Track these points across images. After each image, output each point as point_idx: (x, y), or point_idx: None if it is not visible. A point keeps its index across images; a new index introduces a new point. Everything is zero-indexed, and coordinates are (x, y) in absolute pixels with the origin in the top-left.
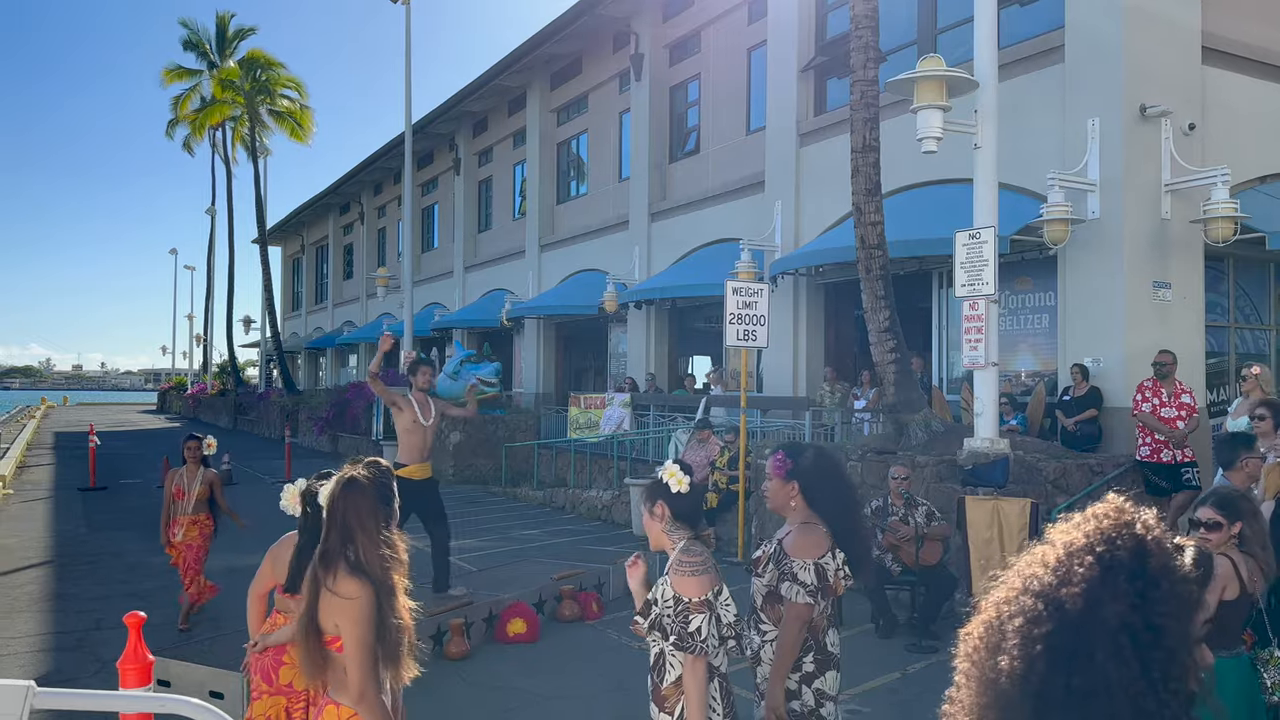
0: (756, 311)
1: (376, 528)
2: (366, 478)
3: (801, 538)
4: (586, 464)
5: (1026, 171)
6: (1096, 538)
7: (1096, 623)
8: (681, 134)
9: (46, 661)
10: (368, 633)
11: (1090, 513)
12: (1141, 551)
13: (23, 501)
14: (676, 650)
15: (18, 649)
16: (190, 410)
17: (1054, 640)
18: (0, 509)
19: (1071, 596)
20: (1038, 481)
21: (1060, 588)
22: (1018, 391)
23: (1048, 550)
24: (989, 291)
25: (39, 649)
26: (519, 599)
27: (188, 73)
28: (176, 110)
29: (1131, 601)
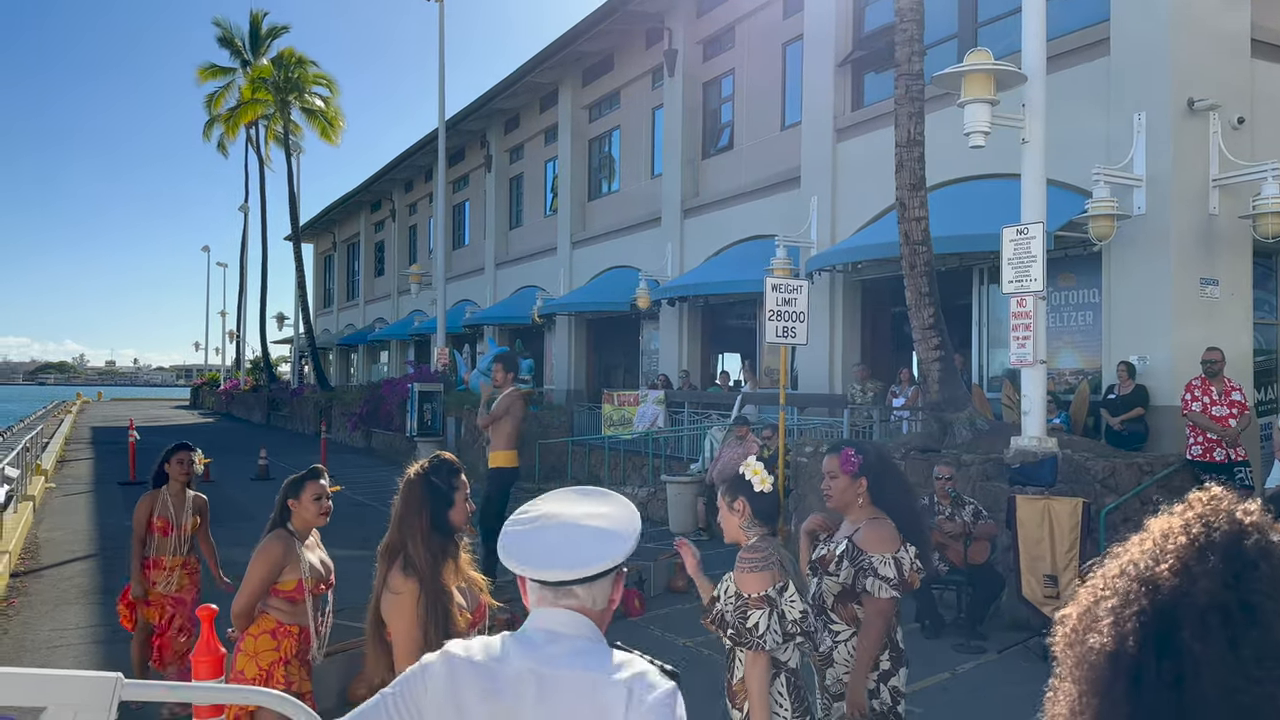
0: (796, 308)
1: (423, 523)
2: (418, 472)
3: (874, 532)
4: (620, 461)
5: (1071, 166)
6: (1193, 520)
7: (1187, 601)
8: (715, 130)
9: (98, 654)
10: (413, 628)
11: (1188, 500)
12: (1238, 533)
13: (64, 495)
14: (734, 645)
15: (70, 640)
16: (223, 406)
17: (1145, 619)
18: (43, 502)
19: (1163, 575)
20: (1086, 481)
21: (1153, 567)
22: (1060, 389)
23: (1144, 536)
24: (1037, 288)
25: (91, 640)
26: None
27: (221, 70)
28: (211, 109)
29: (1224, 580)
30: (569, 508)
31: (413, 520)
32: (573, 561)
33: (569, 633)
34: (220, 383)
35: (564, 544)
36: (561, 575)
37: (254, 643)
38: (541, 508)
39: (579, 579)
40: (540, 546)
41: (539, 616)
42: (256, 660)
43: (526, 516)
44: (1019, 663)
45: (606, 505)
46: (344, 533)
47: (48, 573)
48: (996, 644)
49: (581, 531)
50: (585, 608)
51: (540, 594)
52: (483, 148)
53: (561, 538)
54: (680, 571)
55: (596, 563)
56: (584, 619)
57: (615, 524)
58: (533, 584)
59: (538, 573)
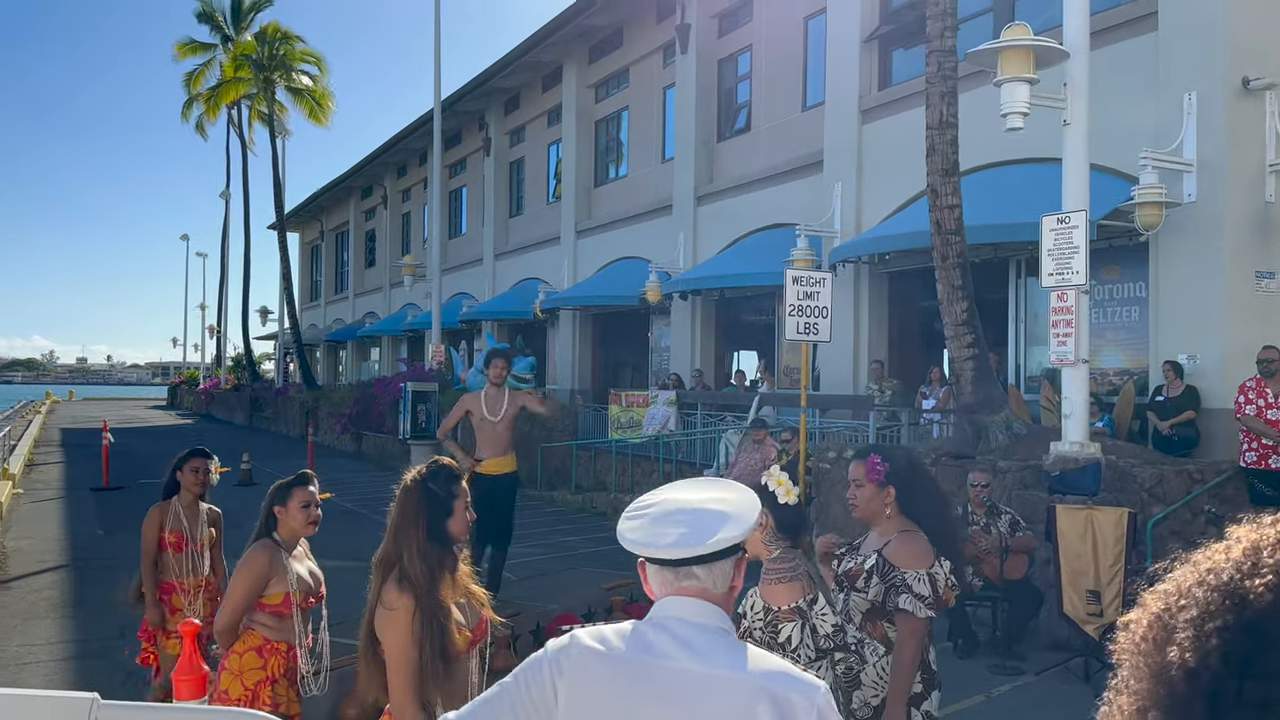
0: (818, 302)
1: (418, 533)
2: (415, 479)
3: (906, 546)
4: (628, 466)
5: (1115, 150)
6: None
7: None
8: (731, 111)
9: (70, 671)
10: (407, 646)
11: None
12: None
13: (34, 502)
14: None
15: (40, 657)
16: (203, 406)
17: (1230, 635)
18: (11, 509)
19: (1256, 589)
20: (1132, 489)
21: (1243, 580)
22: (1104, 391)
23: (1229, 544)
24: (1079, 281)
25: (62, 658)
26: (566, 610)
27: (201, 47)
28: (190, 88)
29: None
30: (690, 494)
31: (408, 530)
32: (691, 540)
33: (708, 624)
34: (199, 381)
35: (683, 524)
36: (681, 553)
37: (239, 661)
38: (661, 495)
39: (698, 557)
40: (660, 528)
41: (669, 605)
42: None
43: (645, 504)
44: (1059, 685)
45: (727, 491)
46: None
47: (16, 584)
48: (1035, 665)
49: (701, 513)
50: (707, 590)
51: (661, 577)
52: (481, 130)
53: (681, 519)
54: None
55: (715, 539)
56: (715, 608)
57: (735, 507)
58: (653, 568)
59: (657, 551)
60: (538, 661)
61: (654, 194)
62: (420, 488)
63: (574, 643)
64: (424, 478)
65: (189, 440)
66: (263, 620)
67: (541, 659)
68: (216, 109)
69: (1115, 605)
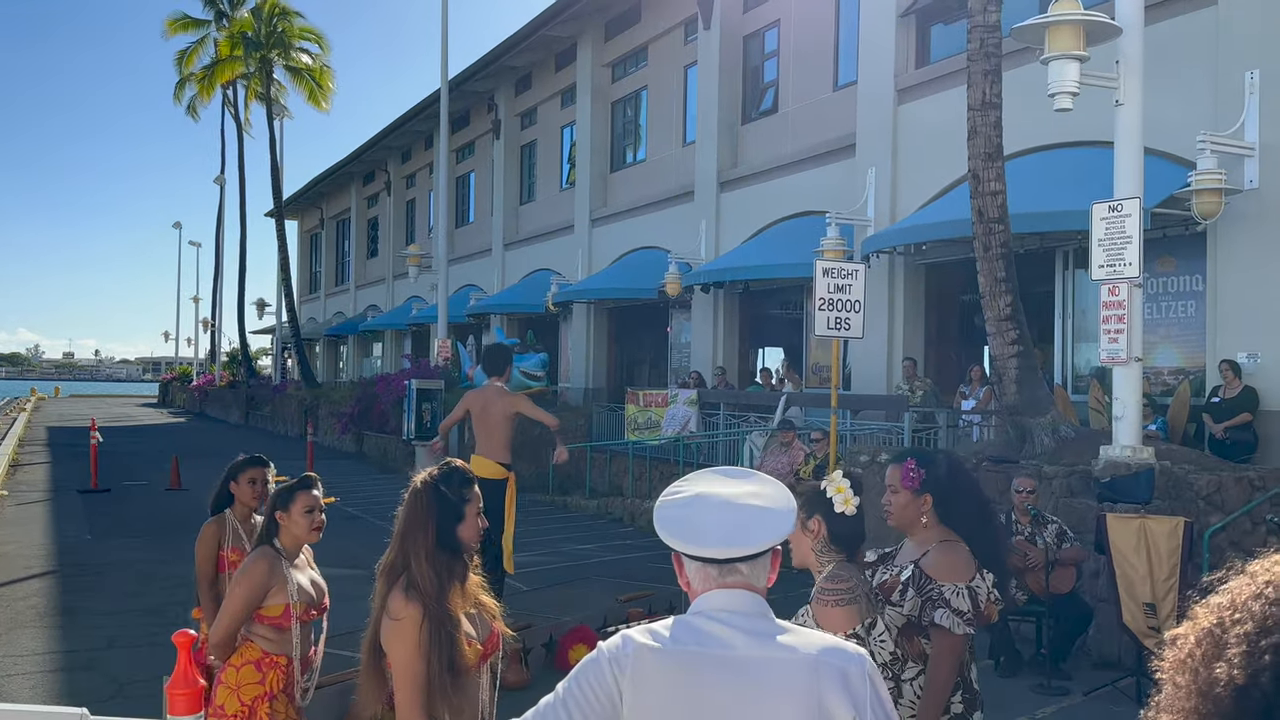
0: (850, 296)
1: (426, 539)
2: (424, 482)
3: (945, 558)
4: (646, 470)
5: (1171, 133)
6: None
7: None
8: (757, 90)
9: (57, 683)
10: (414, 658)
11: None
12: None
13: (19, 504)
14: None
15: (26, 668)
16: (196, 404)
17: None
18: None
19: None
20: (1187, 497)
21: None
22: (1157, 391)
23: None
24: (1132, 274)
25: (49, 669)
26: (581, 622)
27: (194, 23)
28: (182, 67)
29: None
30: (722, 487)
31: (417, 535)
32: (738, 539)
33: (754, 611)
34: (193, 378)
35: (730, 522)
36: (729, 553)
37: (236, 675)
38: (693, 487)
39: (746, 556)
40: (706, 525)
41: (714, 599)
42: (239, 694)
43: (681, 496)
44: (1108, 707)
45: (759, 485)
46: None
47: (0, 591)
48: (1082, 685)
49: (744, 510)
50: (750, 584)
51: (705, 573)
52: (490, 111)
53: (725, 516)
54: None
55: (766, 540)
56: (757, 597)
57: (773, 502)
58: (695, 564)
59: (703, 550)
60: (595, 663)
61: (674, 180)
62: (431, 490)
63: (628, 641)
64: (435, 480)
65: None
66: (261, 633)
67: (599, 660)
68: (211, 90)
69: (1171, 621)
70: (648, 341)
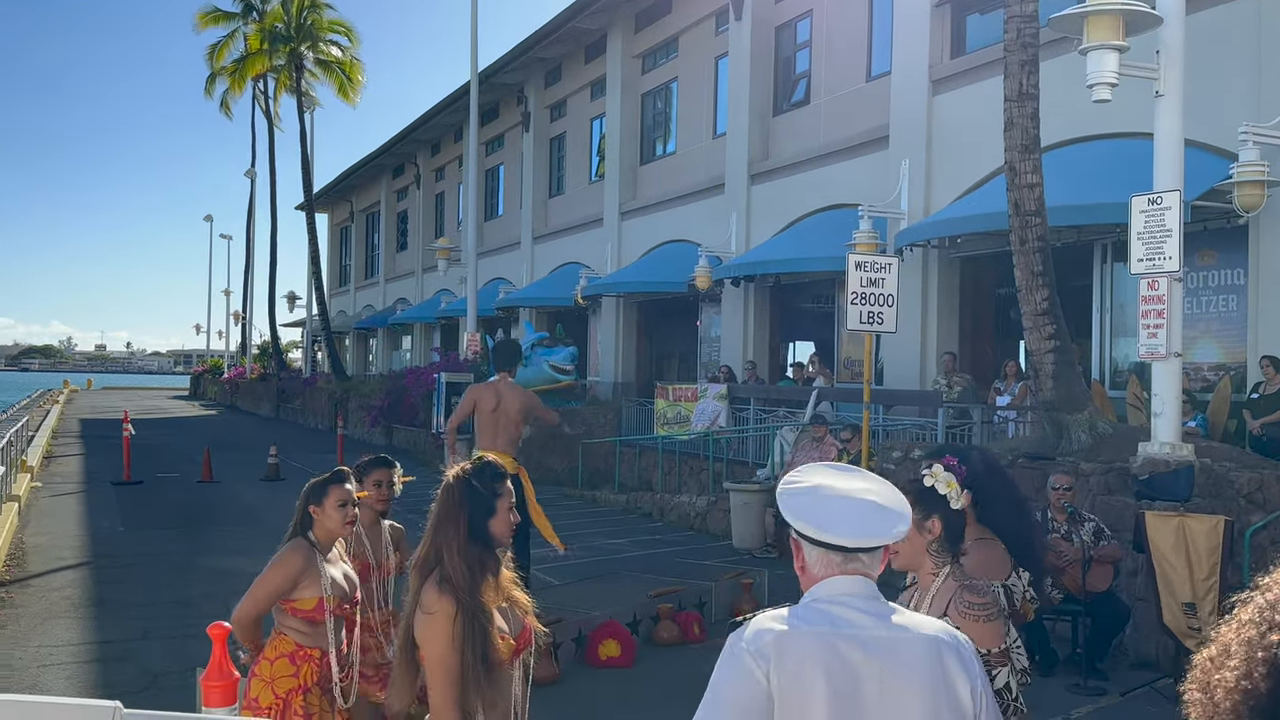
0: (884, 290)
1: (459, 534)
2: (457, 476)
3: (981, 555)
4: (675, 465)
5: (1212, 124)
6: None
7: None
8: (788, 82)
9: (92, 674)
10: (447, 651)
11: None
12: None
13: (52, 496)
14: None
15: (61, 659)
16: (228, 397)
17: None
18: (29, 503)
19: None
20: (1227, 495)
21: None
22: (1197, 387)
23: None
24: (1172, 268)
25: (83, 660)
26: (611, 617)
27: (225, 16)
28: (213, 62)
29: None
30: (839, 481)
31: (449, 529)
32: (876, 532)
33: (871, 595)
34: (224, 370)
35: (858, 515)
36: (866, 543)
37: (270, 668)
38: (813, 479)
39: (869, 548)
40: (836, 515)
41: (836, 584)
42: (273, 687)
43: (801, 485)
44: (1145, 707)
45: (870, 482)
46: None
47: (35, 582)
48: (1119, 685)
49: (865, 505)
50: (867, 572)
51: (828, 559)
52: (520, 104)
53: (852, 509)
54: (748, 593)
55: (896, 534)
56: (871, 583)
57: (890, 502)
58: (818, 550)
59: (841, 539)
60: (736, 659)
61: (704, 172)
62: (463, 485)
63: (763, 630)
64: (468, 474)
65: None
66: (295, 625)
67: (737, 656)
68: (241, 83)
69: (1212, 620)
70: (677, 335)
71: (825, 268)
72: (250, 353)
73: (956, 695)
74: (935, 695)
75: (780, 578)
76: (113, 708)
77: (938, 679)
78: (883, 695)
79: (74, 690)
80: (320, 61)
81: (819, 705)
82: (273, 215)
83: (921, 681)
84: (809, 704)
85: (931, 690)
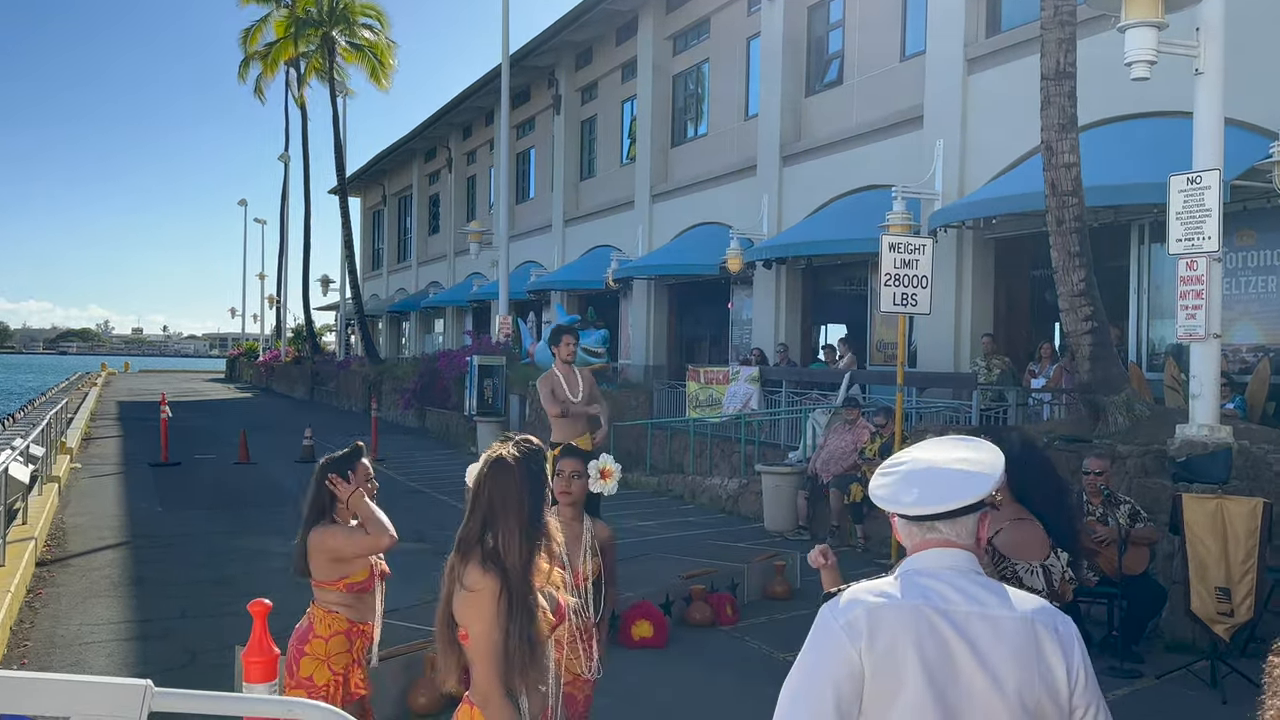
0: (917, 271)
1: (520, 514)
2: (515, 457)
3: (1018, 535)
4: (707, 447)
5: (1254, 102)
6: None
7: None
8: (821, 62)
9: (132, 652)
10: (492, 629)
11: None
12: None
13: (92, 477)
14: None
15: (101, 637)
16: (263, 380)
17: None
18: (69, 484)
19: None
20: (1266, 478)
21: None
22: (1235, 369)
23: None
24: (1211, 248)
25: (123, 638)
26: (643, 598)
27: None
28: (246, 45)
29: None
30: (937, 453)
31: (510, 510)
32: (931, 498)
33: (963, 568)
34: (259, 354)
35: (925, 484)
36: (920, 510)
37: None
38: (912, 454)
39: (938, 514)
40: (905, 486)
41: (922, 558)
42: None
43: (900, 461)
44: (1182, 690)
45: (972, 451)
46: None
47: (75, 561)
48: (1154, 668)
49: (943, 473)
50: (953, 541)
51: (909, 529)
52: (551, 86)
53: (925, 479)
54: (780, 575)
55: (953, 499)
56: (964, 553)
57: (977, 466)
58: (901, 522)
59: (901, 508)
60: (826, 634)
61: (736, 154)
62: (523, 466)
63: (856, 601)
64: (524, 457)
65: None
66: (344, 601)
67: (830, 630)
68: (274, 67)
69: (1247, 604)
70: (709, 318)
71: (858, 249)
72: (285, 336)
73: (1051, 674)
74: (1028, 673)
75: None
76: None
77: (1030, 657)
78: (976, 672)
79: (115, 668)
80: (353, 45)
81: (912, 682)
82: (306, 199)
83: (1014, 659)
84: (902, 680)
85: (1024, 668)
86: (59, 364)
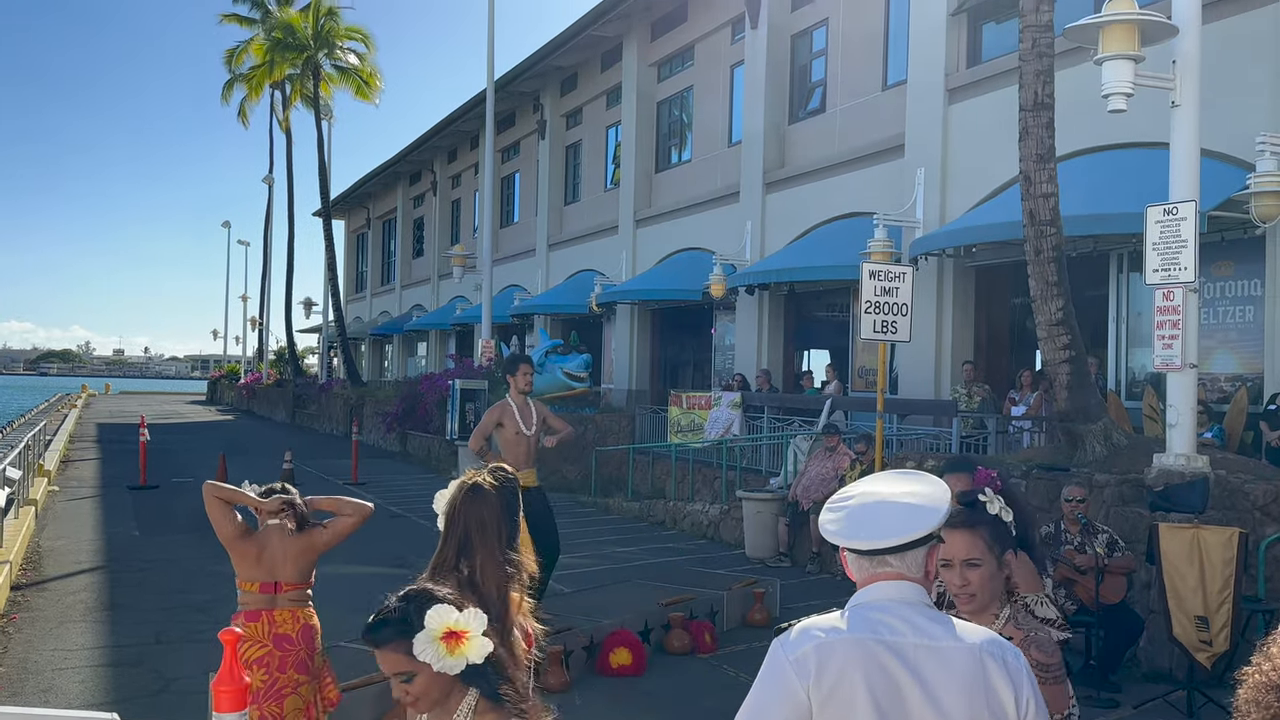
0: (898, 299)
1: (498, 541)
2: (492, 485)
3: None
4: (689, 473)
5: (1229, 134)
6: None
7: None
8: (804, 90)
9: (106, 679)
10: None
11: None
12: None
13: (69, 500)
14: None
15: (76, 663)
16: (244, 402)
17: None
18: (46, 507)
19: None
20: (1242, 507)
21: None
22: (1213, 398)
23: None
24: (1188, 279)
25: (97, 664)
26: (622, 625)
27: (245, 21)
28: (231, 66)
29: None
30: (885, 487)
31: (489, 535)
32: (880, 532)
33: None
34: (240, 376)
35: (874, 518)
36: (871, 544)
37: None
38: (860, 488)
39: (887, 548)
40: (854, 521)
41: (873, 590)
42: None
43: (845, 496)
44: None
45: (920, 484)
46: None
47: (51, 585)
48: (1132, 698)
49: (892, 507)
50: (903, 574)
51: (859, 563)
52: (536, 111)
53: (873, 513)
54: (759, 603)
55: (901, 534)
56: (914, 586)
57: (924, 500)
58: (852, 556)
59: (853, 543)
60: (775, 671)
61: (719, 180)
62: (501, 496)
63: (806, 634)
64: (501, 486)
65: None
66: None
67: (779, 666)
68: (259, 89)
69: (1224, 634)
70: (691, 343)
71: (840, 276)
72: (267, 358)
73: (1000, 705)
74: (977, 705)
75: (793, 587)
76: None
77: (978, 688)
78: (923, 705)
79: (88, 694)
80: (338, 67)
81: (861, 715)
82: (290, 221)
83: (963, 691)
84: (851, 715)
85: (972, 700)
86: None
